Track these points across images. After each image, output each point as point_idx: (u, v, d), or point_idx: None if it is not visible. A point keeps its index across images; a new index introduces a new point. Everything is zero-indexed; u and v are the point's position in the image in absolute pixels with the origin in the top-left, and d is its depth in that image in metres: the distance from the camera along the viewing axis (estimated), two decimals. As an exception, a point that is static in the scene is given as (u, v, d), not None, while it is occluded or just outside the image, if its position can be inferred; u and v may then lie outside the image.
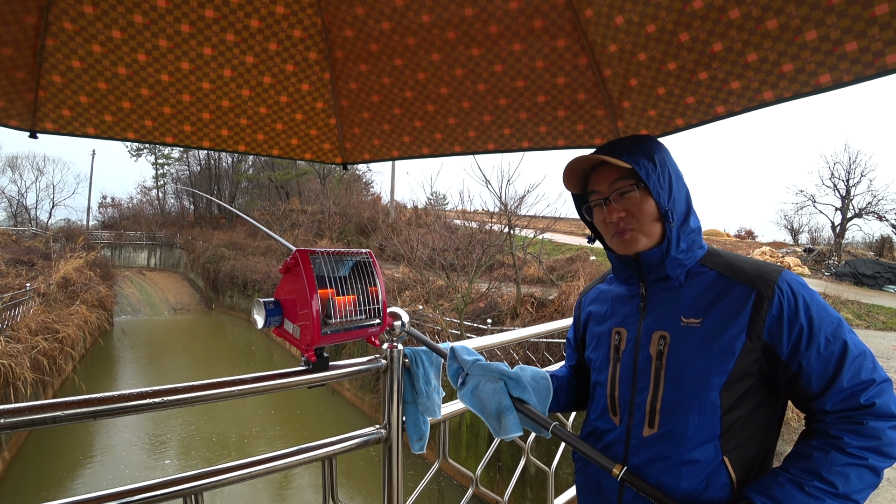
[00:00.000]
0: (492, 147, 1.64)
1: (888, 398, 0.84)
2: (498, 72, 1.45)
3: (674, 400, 0.93)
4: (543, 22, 1.33)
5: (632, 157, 0.97)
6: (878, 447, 0.82)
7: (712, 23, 1.12)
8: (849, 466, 0.81)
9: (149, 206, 40.63)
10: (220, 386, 0.99)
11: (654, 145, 1.01)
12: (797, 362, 0.87)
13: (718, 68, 1.18)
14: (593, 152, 1.02)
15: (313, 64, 1.53)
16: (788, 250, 19.96)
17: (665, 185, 0.97)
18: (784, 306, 0.87)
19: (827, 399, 0.86)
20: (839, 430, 0.84)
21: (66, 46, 1.26)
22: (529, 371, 1.15)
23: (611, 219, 1.00)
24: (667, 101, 1.34)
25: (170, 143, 1.51)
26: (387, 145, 1.72)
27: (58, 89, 1.31)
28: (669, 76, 1.28)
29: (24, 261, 16.93)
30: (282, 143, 1.66)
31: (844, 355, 0.85)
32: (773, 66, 1.09)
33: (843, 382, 0.84)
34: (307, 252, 1.05)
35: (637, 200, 0.97)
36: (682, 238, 0.97)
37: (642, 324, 1.01)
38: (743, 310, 0.90)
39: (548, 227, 14.49)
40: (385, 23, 1.41)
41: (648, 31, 1.22)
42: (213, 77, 1.43)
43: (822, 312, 0.88)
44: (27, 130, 1.33)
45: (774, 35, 1.05)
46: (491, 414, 1.13)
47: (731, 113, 1.25)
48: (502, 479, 7.57)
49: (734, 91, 1.20)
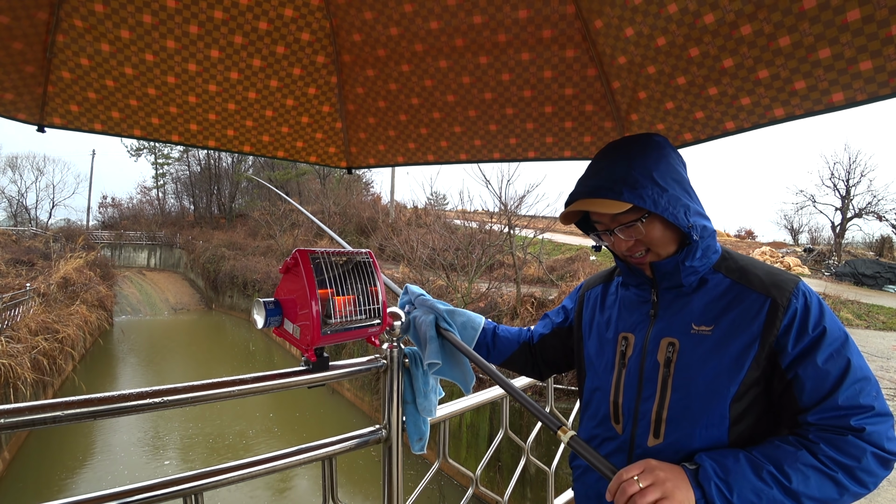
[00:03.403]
0: (497, 156, 1.63)
1: (882, 430, 0.79)
2: (505, 81, 1.44)
3: (681, 409, 0.90)
4: (552, 32, 1.32)
5: (632, 190, 0.90)
6: (853, 469, 0.77)
7: (723, 38, 1.10)
8: (813, 469, 0.78)
9: (149, 206, 40.69)
10: (220, 386, 0.99)
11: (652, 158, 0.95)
12: (794, 371, 0.84)
13: (729, 84, 1.17)
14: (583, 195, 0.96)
15: (320, 68, 1.53)
16: (788, 250, 19.95)
17: (677, 201, 0.91)
18: (798, 316, 0.85)
19: (814, 413, 0.82)
20: (817, 437, 0.80)
21: (75, 44, 1.27)
22: (466, 315, 1.25)
23: (619, 249, 0.98)
24: (675, 115, 1.32)
25: (176, 141, 1.51)
26: (392, 151, 1.72)
27: (66, 85, 1.32)
28: (679, 90, 1.26)
29: (24, 261, 16.93)
30: (287, 146, 1.67)
31: (846, 374, 0.81)
32: (785, 83, 1.08)
33: (837, 400, 0.80)
34: (307, 252, 1.05)
35: (644, 231, 0.93)
36: (699, 246, 0.94)
37: (651, 330, 0.98)
38: (756, 318, 0.87)
39: (548, 227, 14.47)
40: (393, 28, 1.40)
41: (658, 45, 1.21)
42: (219, 80, 1.44)
43: (833, 328, 0.84)
44: (35, 124, 1.34)
45: (787, 52, 1.04)
46: (421, 341, 1.23)
47: (741, 129, 1.24)
48: (502, 479, 7.56)
49: (744, 107, 1.18)
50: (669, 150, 0.98)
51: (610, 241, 0.99)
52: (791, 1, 0.98)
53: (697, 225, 0.92)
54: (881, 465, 0.79)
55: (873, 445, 0.78)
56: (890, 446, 0.79)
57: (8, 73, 1.23)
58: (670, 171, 0.95)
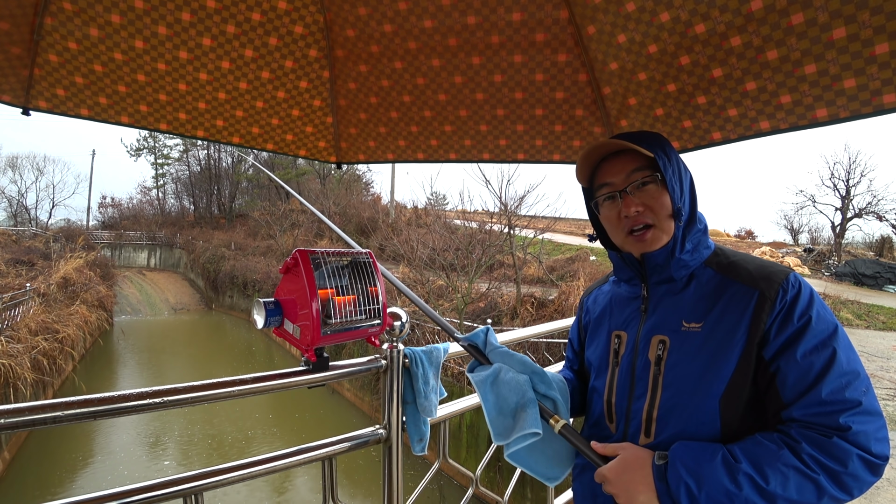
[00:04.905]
0: (487, 157, 1.63)
1: (871, 430, 0.73)
2: (497, 82, 1.45)
3: (671, 408, 0.88)
4: (545, 36, 1.33)
5: (650, 147, 0.92)
6: (837, 473, 0.72)
7: (713, 48, 1.12)
8: (794, 470, 0.73)
9: (149, 206, 40.67)
10: (220, 386, 0.99)
11: (665, 140, 0.98)
12: (776, 363, 0.80)
13: (717, 94, 1.19)
14: (612, 138, 0.96)
15: (313, 62, 1.53)
16: (788, 250, 19.95)
17: (677, 180, 0.93)
18: (785, 307, 0.81)
19: (797, 408, 0.77)
20: (800, 434, 0.75)
21: (63, 27, 1.24)
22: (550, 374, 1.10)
23: (627, 212, 0.94)
24: (664, 122, 1.34)
25: (164, 129, 1.49)
26: (382, 148, 1.72)
27: (53, 68, 1.29)
28: (668, 97, 1.28)
29: (24, 261, 16.93)
30: (277, 138, 1.66)
31: (830, 366, 0.76)
32: (772, 96, 1.10)
33: (821, 393, 0.75)
34: (307, 252, 1.05)
35: (656, 193, 0.93)
36: (687, 238, 0.93)
37: (642, 327, 0.97)
38: (745, 313, 0.84)
39: (548, 227, 14.48)
40: (387, 25, 1.40)
41: (650, 52, 1.22)
42: (211, 68, 1.42)
43: (820, 318, 0.80)
44: (20, 107, 1.31)
45: (774, 66, 1.05)
46: (507, 408, 1.03)
47: (727, 140, 1.25)
48: (502, 479, 7.56)
49: (731, 118, 1.20)
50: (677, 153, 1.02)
51: (615, 209, 0.97)
52: (780, 16, 0.99)
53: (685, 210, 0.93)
54: (869, 469, 0.73)
55: (860, 448, 0.73)
56: (878, 448, 0.74)
57: None
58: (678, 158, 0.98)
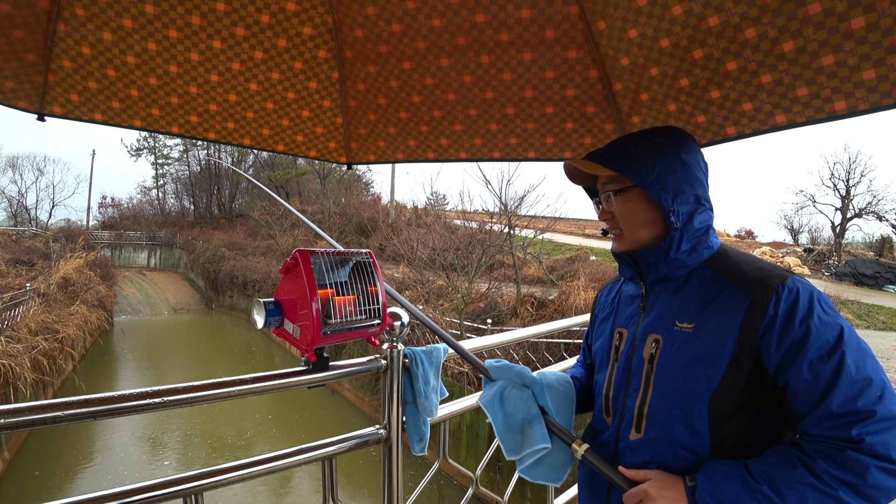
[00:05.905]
0: (497, 155, 1.63)
1: (888, 439, 0.70)
2: (507, 80, 1.44)
3: (660, 406, 0.90)
4: (555, 32, 1.32)
5: (625, 160, 0.93)
6: (858, 486, 0.70)
7: (727, 41, 1.09)
8: (811, 488, 0.72)
9: (149, 206, 40.59)
10: (220, 386, 0.99)
11: (663, 141, 0.95)
12: (784, 377, 0.78)
13: (731, 88, 1.16)
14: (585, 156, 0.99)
15: (322, 62, 1.53)
16: (788, 250, 19.94)
17: (668, 183, 0.91)
18: (779, 313, 0.79)
19: (809, 423, 0.76)
20: (814, 451, 0.74)
21: (77, 32, 1.26)
22: (552, 376, 1.11)
23: (600, 218, 1.02)
24: (677, 118, 1.32)
25: (176, 132, 1.51)
26: (392, 148, 1.72)
27: (67, 74, 1.31)
28: (681, 93, 1.26)
29: (24, 261, 16.92)
30: (287, 140, 1.66)
31: (838, 376, 0.73)
32: (788, 89, 1.06)
33: (831, 406, 0.73)
34: (307, 252, 1.05)
35: (628, 203, 0.96)
36: (685, 238, 0.92)
37: (640, 325, 0.99)
38: (735, 317, 0.83)
39: (548, 227, 14.47)
40: (396, 25, 1.40)
41: (662, 46, 1.20)
42: (221, 70, 1.44)
43: (822, 325, 0.77)
44: (35, 113, 1.33)
45: (790, 57, 1.02)
46: (515, 424, 1.06)
47: (742, 135, 1.22)
48: (502, 479, 7.56)
49: (746, 113, 1.17)
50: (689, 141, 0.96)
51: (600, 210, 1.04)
52: (796, 5, 0.96)
53: (681, 212, 0.91)
54: (892, 477, 0.70)
55: (878, 458, 0.69)
56: None
57: (8, 62, 1.23)
58: (680, 158, 0.93)
